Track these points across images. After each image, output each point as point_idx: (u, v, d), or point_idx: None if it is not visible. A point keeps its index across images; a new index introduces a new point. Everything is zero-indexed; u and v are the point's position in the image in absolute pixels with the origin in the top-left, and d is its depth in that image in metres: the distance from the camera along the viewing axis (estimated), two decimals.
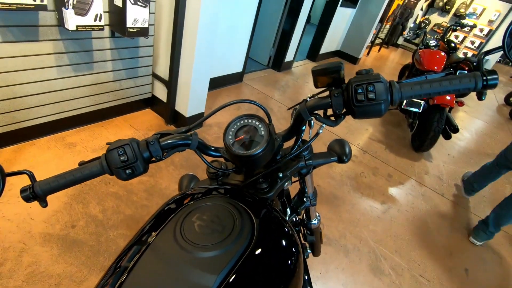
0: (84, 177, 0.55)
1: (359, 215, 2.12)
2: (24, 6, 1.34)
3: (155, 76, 2.36)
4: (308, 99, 0.60)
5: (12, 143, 1.81)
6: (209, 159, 0.65)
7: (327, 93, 0.61)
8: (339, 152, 0.74)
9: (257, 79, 3.89)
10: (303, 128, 0.62)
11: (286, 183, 0.68)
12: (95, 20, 1.61)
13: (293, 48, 4.39)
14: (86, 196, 1.65)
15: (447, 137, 3.01)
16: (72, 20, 1.52)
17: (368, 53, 7.08)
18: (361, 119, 0.56)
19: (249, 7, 3.17)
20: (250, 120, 0.60)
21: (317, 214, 1.00)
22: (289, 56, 4.41)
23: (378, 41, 7.68)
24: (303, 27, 4.29)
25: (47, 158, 1.80)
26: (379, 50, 8.02)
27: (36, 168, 1.71)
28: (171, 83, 2.23)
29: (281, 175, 0.67)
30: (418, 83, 0.50)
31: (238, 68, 3.52)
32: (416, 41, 9.91)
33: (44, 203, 0.56)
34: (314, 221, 1.00)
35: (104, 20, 1.69)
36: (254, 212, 0.54)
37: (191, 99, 2.27)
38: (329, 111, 0.60)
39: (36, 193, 0.54)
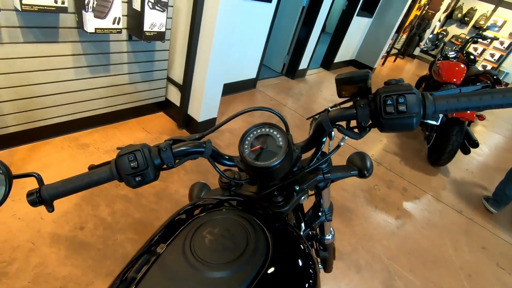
0: (92, 183, 0.53)
1: (372, 229, 2.04)
2: (45, 7, 1.36)
3: (170, 80, 2.37)
4: (330, 109, 0.56)
5: (27, 142, 1.83)
6: (221, 167, 0.62)
7: (350, 103, 0.57)
8: (359, 165, 0.70)
9: (271, 86, 3.87)
10: (324, 139, 0.59)
11: (302, 197, 0.64)
12: (114, 23, 1.63)
13: (307, 56, 4.37)
14: (96, 198, 1.64)
15: (466, 152, 2.90)
16: (91, 23, 1.53)
17: (383, 63, 6.99)
18: (385, 132, 0.52)
19: (265, 15, 3.17)
20: (267, 129, 0.57)
21: (331, 229, 0.95)
22: (303, 64, 4.39)
23: (394, 51, 7.59)
24: (318, 35, 4.27)
25: (60, 158, 1.82)
26: (394, 61, 7.91)
27: (49, 167, 1.72)
28: (185, 88, 2.23)
29: (297, 188, 0.63)
30: (455, 96, 0.46)
31: (252, 75, 3.51)
32: (433, 52, 9.75)
33: (50, 208, 0.54)
34: (328, 237, 0.95)
35: (122, 24, 1.71)
36: (268, 227, 0.51)
37: (204, 104, 2.26)
38: (352, 123, 0.56)
39: (42, 197, 0.52)
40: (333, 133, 0.57)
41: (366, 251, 1.85)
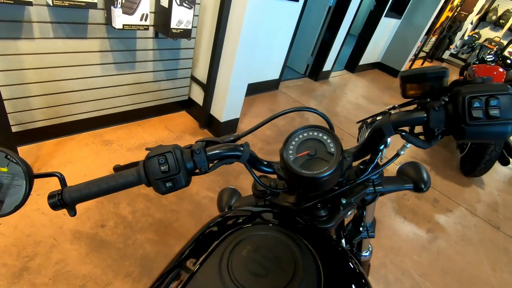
0: (118, 187, 0.48)
1: (401, 242, 1.91)
2: (76, 3, 1.36)
3: (193, 79, 2.34)
4: (390, 111, 0.48)
5: (54, 137, 1.85)
6: (256, 173, 0.56)
7: (413, 105, 0.49)
8: (415, 178, 0.61)
9: (293, 88, 3.78)
10: (381, 147, 0.50)
11: (349, 212, 0.56)
12: (141, 19, 1.61)
13: (332, 58, 4.24)
14: (117, 195, 1.62)
15: (505, 163, 2.68)
16: (119, 19, 1.52)
17: (410, 67, 6.71)
18: (463, 141, 0.43)
19: (291, 15, 3.09)
20: (316, 133, 0.49)
21: (370, 245, 0.86)
22: (327, 66, 4.27)
23: (422, 54, 7.28)
24: (344, 37, 4.14)
25: (85, 153, 1.82)
26: (422, 64, 7.59)
27: (73, 163, 1.73)
28: (209, 87, 2.19)
29: (344, 201, 0.55)
30: None
31: (275, 75, 3.44)
32: (464, 56, 9.29)
33: (72, 212, 0.49)
34: (366, 253, 0.86)
35: (150, 21, 1.69)
36: (317, 248, 0.43)
37: (228, 104, 2.22)
38: (417, 129, 0.48)
39: (64, 200, 0.47)
40: (389, 140, 0.49)
41: (395, 266, 1.73)
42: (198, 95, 2.37)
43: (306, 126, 0.50)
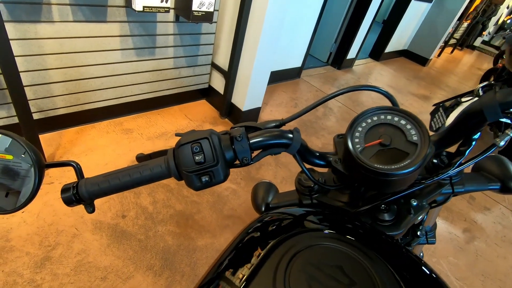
0: (143, 180, 0.40)
1: (436, 243, 1.77)
2: None
3: (214, 66, 2.25)
4: (495, 88, 0.37)
5: (75, 125, 1.83)
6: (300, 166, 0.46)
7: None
8: (500, 176, 0.49)
9: (316, 76, 3.62)
10: (477, 136, 0.39)
11: (420, 217, 0.46)
12: (162, 1, 1.52)
13: (356, 45, 4.02)
14: None
15: None
16: (139, 0, 1.44)
17: (439, 55, 6.32)
18: None
19: (315, 0, 2.92)
20: (391, 117, 0.39)
21: (421, 252, 0.76)
22: (351, 54, 4.06)
23: (451, 41, 6.83)
24: (370, 24, 3.90)
25: (105, 142, 1.79)
26: (451, 52, 7.15)
27: (94, 151, 1.69)
28: (230, 74, 2.09)
29: (415, 203, 0.45)
30: None
31: (297, 63, 3.30)
32: (498, 43, 8.68)
33: (90, 208, 0.42)
34: None
35: (170, 3, 1.60)
36: (398, 267, 0.34)
37: (250, 92, 2.12)
38: None
39: (80, 195, 0.39)
40: (507, 121, 0.38)
41: None
42: (218, 83, 2.28)
43: (378, 108, 0.40)
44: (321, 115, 2.78)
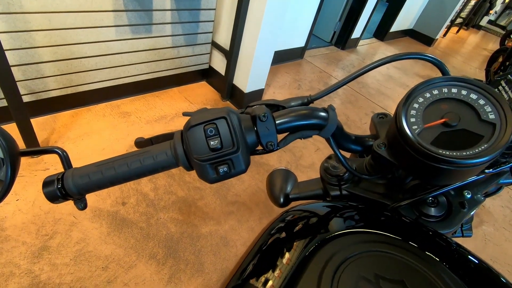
0: (144, 170, 0.32)
1: (472, 235, 1.73)
2: None
3: (214, 44, 2.13)
4: None
5: (70, 108, 1.73)
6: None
7: None
8: None
9: (319, 57, 3.49)
10: None
11: (473, 212, 0.39)
12: None
13: (361, 24, 3.86)
14: None
15: None
16: None
17: (444, 35, 6.13)
18: None
19: None
20: (458, 91, 0.31)
21: None
22: (355, 33, 3.90)
23: (458, 20, 6.61)
24: (375, 2, 3.72)
25: (102, 126, 1.70)
26: (457, 32, 6.95)
27: (90, 135, 1.61)
28: (232, 54, 1.98)
29: (469, 196, 0.38)
30: None
31: (300, 43, 3.16)
32: (504, 23, 8.44)
33: (81, 204, 0.35)
34: None
35: None
36: (463, 276, 0.27)
37: (252, 73, 2.01)
38: None
39: (67, 190, 0.32)
40: None
41: None
42: (219, 63, 2.17)
43: (440, 78, 0.32)
44: (325, 98, 2.68)
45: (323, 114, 0.33)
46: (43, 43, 1.40)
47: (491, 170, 0.35)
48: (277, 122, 0.32)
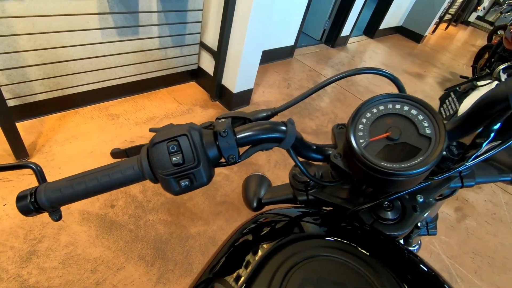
0: (113, 184, 0.34)
1: (437, 234, 1.78)
2: None
3: (203, 45, 2.14)
4: None
5: (57, 111, 1.73)
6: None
7: None
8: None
9: (309, 55, 3.51)
10: (497, 126, 0.34)
11: (426, 214, 0.42)
12: None
13: (351, 22, 3.89)
14: None
15: None
16: None
17: (434, 31, 6.20)
18: None
19: None
20: (400, 106, 0.33)
21: (419, 240, 0.73)
22: (345, 31, 3.93)
23: (446, 17, 6.70)
24: None
25: (90, 128, 1.71)
26: (446, 28, 7.03)
27: (78, 138, 1.62)
28: (220, 54, 1.99)
29: (421, 200, 0.40)
30: None
31: (290, 42, 3.17)
32: (492, 19, 8.57)
33: (56, 216, 0.37)
34: (414, 247, 0.73)
35: None
36: (401, 276, 0.30)
37: (241, 73, 2.03)
38: None
39: (39, 203, 0.34)
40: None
41: (423, 248, 1.62)
42: (208, 64, 2.18)
43: (385, 95, 0.34)
44: (314, 96, 2.72)
45: (282, 127, 0.36)
46: (27, 47, 1.40)
47: (438, 177, 0.38)
48: (238, 136, 0.35)
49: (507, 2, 3.47)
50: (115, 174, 0.34)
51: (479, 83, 0.38)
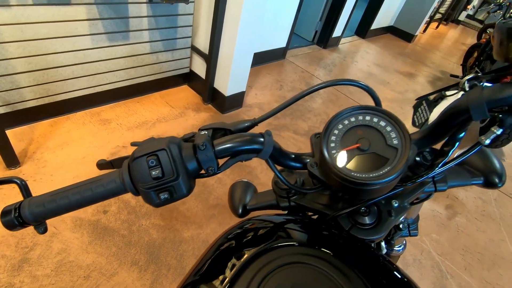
0: (95, 198, 0.35)
1: (419, 221, 1.81)
2: None
3: (194, 49, 2.15)
4: (482, 84, 0.34)
5: (48, 117, 1.73)
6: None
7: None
8: (483, 169, 0.47)
9: (301, 56, 3.54)
10: (462, 135, 0.36)
11: (402, 218, 0.44)
12: None
13: (342, 22, 3.92)
14: None
15: None
16: None
17: (424, 30, 6.28)
18: None
19: None
20: (369, 118, 0.35)
21: (404, 240, 0.75)
22: (336, 32, 3.96)
23: (437, 16, 6.78)
24: None
25: (82, 134, 1.70)
26: (437, 27, 7.12)
27: (70, 144, 1.61)
28: (211, 57, 2.00)
29: (396, 205, 0.42)
30: None
31: (282, 43, 3.19)
32: (482, 17, 8.69)
33: (41, 228, 0.38)
34: (399, 248, 0.75)
35: None
36: (371, 281, 0.31)
37: (232, 76, 2.04)
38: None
39: (23, 218, 0.35)
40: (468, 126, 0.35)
41: (414, 246, 1.65)
42: (200, 67, 2.19)
43: (354, 108, 0.36)
44: (307, 97, 2.73)
45: (259, 139, 0.37)
46: (16, 54, 1.40)
47: (409, 183, 0.39)
48: (216, 149, 0.36)
49: (493, 2, 3.53)
50: (97, 188, 0.35)
51: (447, 93, 0.39)
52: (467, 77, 0.38)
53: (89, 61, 1.68)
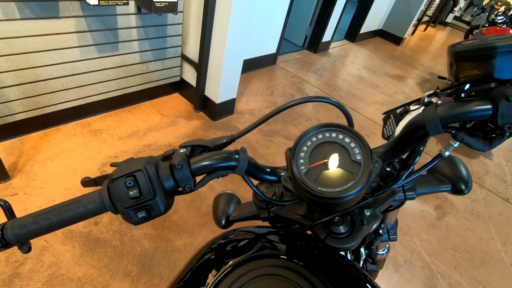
0: (76, 217, 0.37)
1: (409, 222, 1.85)
2: None
3: (184, 57, 2.17)
4: (436, 102, 0.36)
5: (38, 129, 1.73)
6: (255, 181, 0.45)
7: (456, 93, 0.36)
8: (451, 176, 0.50)
9: (292, 61, 3.58)
10: (422, 149, 0.38)
11: (374, 225, 0.46)
12: None
13: (331, 27, 3.99)
14: None
15: None
16: None
17: (413, 33, 6.40)
18: None
19: None
20: (335, 135, 0.37)
21: (388, 244, 0.77)
22: (326, 36, 4.02)
23: (424, 18, 6.92)
24: (344, 3, 3.86)
25: (73, 145, 1.71)
26: (425, 29, 7.25)
27: (61, 156, 1.61)
28: (201, 66, 2.02)
29: (368, 214, 0.44)
30: None
31: (272, 49, 3.23)
32: (468, 19, 8.88)
33: (25, 248, 0.39)
34: (382, 251, 0.77)
35: None
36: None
37: (223, 83, 2.06)
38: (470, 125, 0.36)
39: (6, 239, 0.36)
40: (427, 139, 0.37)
41: (404, 247, 1.67)
42: (190, 75, 2.21)
43: (321, 125, 0.38)
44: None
45: (234, 156, 0.39)
46: (4, 68, 1.40)
47: (376, 194, 0.42)
48: (192, 167, 0.38)
49: (476, 5, 3.62)
50: (78, 208, 0.37)
51: (411, 107, 0.40)
52: (427, 94, 0.40)
53: (79, 73, 1.69)
